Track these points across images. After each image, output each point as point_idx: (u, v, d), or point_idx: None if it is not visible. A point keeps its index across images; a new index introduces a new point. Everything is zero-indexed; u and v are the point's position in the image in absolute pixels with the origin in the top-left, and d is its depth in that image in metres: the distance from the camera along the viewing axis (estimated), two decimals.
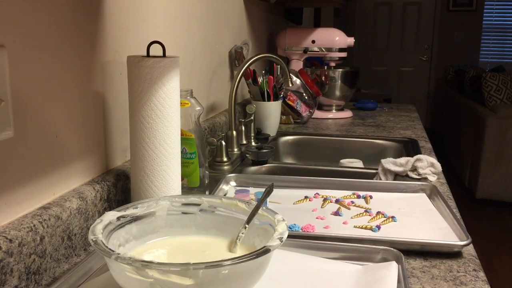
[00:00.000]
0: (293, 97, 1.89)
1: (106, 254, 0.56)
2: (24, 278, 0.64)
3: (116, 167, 0.95)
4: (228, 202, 0.73)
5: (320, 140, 1.69)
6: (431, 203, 1.01)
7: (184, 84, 1.29)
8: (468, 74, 4.75)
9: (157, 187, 0.85)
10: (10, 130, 0.65)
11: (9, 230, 0.63)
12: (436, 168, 1.19)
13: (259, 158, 1.34)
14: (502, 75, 4.21)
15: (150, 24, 1.07)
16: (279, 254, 0.74)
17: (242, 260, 0.55)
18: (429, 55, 6.52)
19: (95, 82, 0.87)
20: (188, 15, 1.30)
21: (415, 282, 0.72)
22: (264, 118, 1.65)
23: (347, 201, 1.03)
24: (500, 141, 3.83)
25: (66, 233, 0.74)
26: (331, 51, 2.11)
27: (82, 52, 0.82)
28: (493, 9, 6.30)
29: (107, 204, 0.86)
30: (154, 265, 0.53)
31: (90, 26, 0.85)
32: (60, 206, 0.73)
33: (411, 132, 1.77)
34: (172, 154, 0.85)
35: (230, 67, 1.71)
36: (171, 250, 0.70)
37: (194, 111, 1.02)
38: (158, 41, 0.84)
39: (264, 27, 2.23)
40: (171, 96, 0.83)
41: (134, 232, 0.69)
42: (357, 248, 0.78)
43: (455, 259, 0.79)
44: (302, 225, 0.88)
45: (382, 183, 1.12)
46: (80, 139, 0.83)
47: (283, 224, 0.64)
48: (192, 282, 0.53)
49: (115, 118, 0.95)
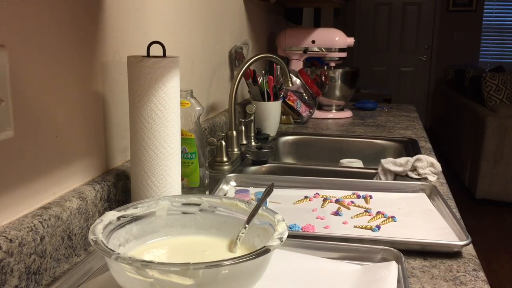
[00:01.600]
0: (293, 97, 1.90)
1: (106, 254, 0.56)
2: (24, 278, 0.64)
3: (116, 167, 0.95)
4: (228, 202, 0.73)
5: (320, 140, 1.69)
6: (431, 203, 1.01)
7: (184, 84, 1.29)
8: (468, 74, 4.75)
9: (157, 187, 0.85)
10: (10, 130, 0.65)
11: (9, 230, 0.63)
12: (436, 168, 1.19)
13: (259, 158, 1.34)
14: (502, 75, 4.21)
15: (150, 24, 1.07)
16: (279, 254, 0.74)
17: (242, 260, 0.55)
18: (429, 55, 6.52)
19: (95, 82, 0.87)
20: (188, 15, 1.30)
21: (415, 282, 0.72)
22: (264, 118, 1.66)
23: (347, 201, 1.03)
24: (500, 141, 3.83)
25: (66, 233, 0.74)
26: (331, 51, 2.11)
27: (82, 52, 0.83)
28: (493, 9, 6.30)
29: (107, 204, 0.86)
30: (154, 265, 0.53)
31: (90, 26, 0.85)
32: (60, 206, 0.73)
33: (411, 132, 1.77)
34: (172, 154, 0.85)
35: (230, 67, 1.71)
36: (171, 250, 0.70)
37: (194, 111, 1.03)
38: (158, 41, 0.84)
39: (264, 27, 2.23)
40: (171, 96, 0.83)
41: (134, 232, 0.69)
42: (357, 248, 0.78)
43: (455, 259, 0.79)
44: (302, 225, 0.88)
45: (382, 183, 1.12)
46: (80, 139, 0.83)
47: (283, 224, 0.64)
48: (192, 282, 0.53)
49: (115, 118, 0.95)
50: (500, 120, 3.82)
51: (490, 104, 4.10)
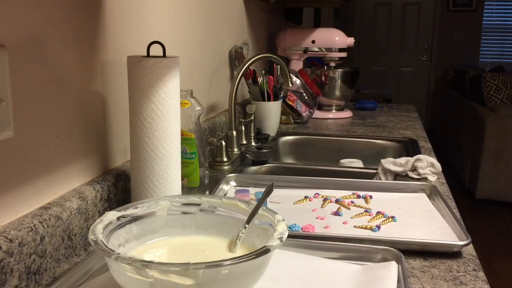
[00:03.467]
0: (293, 97, 1.90)
1: (106, 254, 0.56)
2: (24, 278, 0.64)
3: (116, 167, 0.95)
4: (228, 202, 0.73)
5: (320, 140, 1.69)
6: (431, 203, 1.01)
7: (184, 84, 1.29)
8: (468, 74, 4.75)
9: (157, 187, 0.85)
10: (10, 130, 0.65)
11: (10, 230, 0.63)
12: (436, 168, 1.19)
13: (259, 158, 1.34)
14: (502, 75, 4.21)
15: (150, 24, 1.07)
16: (279, 254, 0.74)
17: (242, 260, 0.55)
18: (429, 55, 6.52)
19: (95, 82, 0.87)
20: (188, 15, 1.30)
21: (415, 282, 0.72)
22: (264, 118, 1.66)
23: (347, 201, 1.03)
24: (500, 141, 3.83)
25: (66, 233, 0.74)
26: (331, 51, 2.11)
27: (82, 52, 0.83)
28: (493, 9, 6.30)
29: (107, 204, 0.86)
30: (154, 265, 0.53)
31: (90, 26, 0.85)
32: (60, 206, 0.73)
33: (411, 132, 1.77)
34: (172, 154, 0.85)
35: (230, 67, 1.71)
36: (171, 250, 0.70)
37: (194, 111, 1.03)
38: (158, 41, 0.84)
39: (264, 27, 2.23)
40: (171, 96, 0.83)
41: (134, 232, 0.69)
42: (357, 248, 0.78)
43: (455, 259, 0.79)
44: (302, 225, 0.88)
45: (382, 183, 1.12)
46: (80, 139, 0.83)
47: (283, 224, 0.64)
48: (192, 282, 0.53)
49: (115, 118, 0.95)
50: (500, 120, 3.82)
51: (490, 104, 4.10)
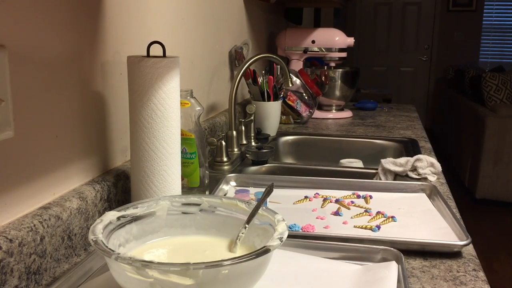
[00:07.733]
0: (293, 97, 1.90)
1: (106, 254, 0.56)
2: (24, 278, 0.64)
3: (116, 167, 0.95)
4: (228, 202, 0.73)
5: (320, 140, 1.69)
6: (431, 203, 1.01)
7: (184, 84, 1.29)
8: (468, 74, 4.75)
9: (157, 187, 0.85)
10: (10, 130, 0.65)
11: (9, 230, 0.63)
12: (436, 168, 1.19)
13: (259, 158, 1.34)
14: (502, 75, 4.21)
15: (150, 24, 1.07)
16: (279, 254, 0.74)
17: (242, 260, 0.55)
18: (429, 55, 6.52)
19: (95, 82, 0.87)
20: (188, 15, 1.30)
21: (415, 282, 0.72)
22: (264, 118, 1.66)
23: (347, 201, 1.03)
24: (500, 141, 3.83)
25: (66, 233, 0.74)
26: (331, 51, 2.11)
27: (82, 52, 0.83)
28: (493, 9, 6.30)
29: (107, 204, 0.86)
30: (154, 265, 0.53)
31: (90, 26, 0.85)
32: (60, 206, 0.73)
33: (411, 132, 1.77)
34: (172, 154, 0.85)
35: (230, 67, 1.71)
36: (171, 250, 0.70)
37: (194, 111, 1.03)
38: (158, 41, 0.84)
39: (264, 27, 2.23)
40: (171, 96, 0.83)
41: (134, 232, 0.69)
42: (357, 248, 0.78)
43: (455, 259, 0.79)
44: (302, 225, 0.88)
45: (382, 183, 1.12)
46: (80, 139, 0.83)
47: (283, 224, 0.64)
48: (192, 282, 0.53)
49: (115, 118, 0.95)
50: (500, 120, 3.82)
51: (490, 104, 4.10)
